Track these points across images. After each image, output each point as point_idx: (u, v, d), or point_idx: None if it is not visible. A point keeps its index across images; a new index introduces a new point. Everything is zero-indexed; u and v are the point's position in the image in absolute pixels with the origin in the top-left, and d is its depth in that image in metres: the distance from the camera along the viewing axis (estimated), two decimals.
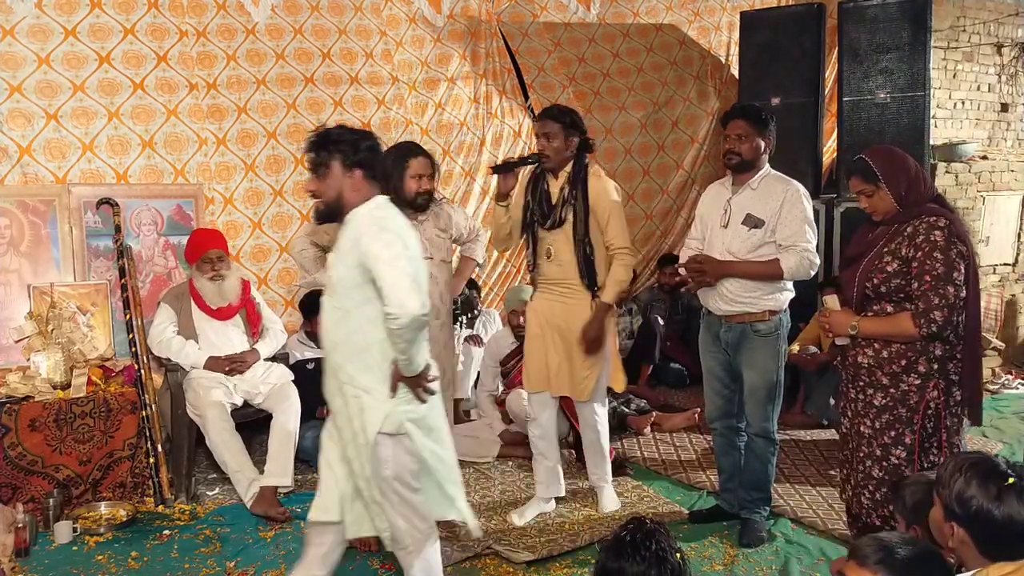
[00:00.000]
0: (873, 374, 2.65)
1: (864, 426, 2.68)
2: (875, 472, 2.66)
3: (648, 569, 1.81)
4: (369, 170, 2.49)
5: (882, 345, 2.63)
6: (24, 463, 3.54)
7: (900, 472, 2.59)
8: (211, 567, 3.17)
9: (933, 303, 2.50)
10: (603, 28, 6.11)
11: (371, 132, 2.59)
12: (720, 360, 3.37)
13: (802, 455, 4.32)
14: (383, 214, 2.48)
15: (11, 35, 4.22)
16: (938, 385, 2.58)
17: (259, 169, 4.80)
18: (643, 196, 6.10)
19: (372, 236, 2.39)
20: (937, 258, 2.51)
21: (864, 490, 2.69)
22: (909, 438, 2.59)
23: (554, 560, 3.21)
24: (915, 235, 2.56)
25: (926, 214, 2.57)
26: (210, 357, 3.91)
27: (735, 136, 3.24)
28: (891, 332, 2.60)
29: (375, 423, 2.42)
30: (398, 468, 2.45)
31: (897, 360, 2.60)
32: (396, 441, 2.44)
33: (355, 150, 2.45)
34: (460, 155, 5.46)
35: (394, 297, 2.31)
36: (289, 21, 5.00)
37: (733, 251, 3.25)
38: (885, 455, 2.63)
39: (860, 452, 2.70)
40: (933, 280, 2.51)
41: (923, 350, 2.57)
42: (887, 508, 2.62)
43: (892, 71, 5.18)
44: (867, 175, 2.65)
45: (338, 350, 2.48)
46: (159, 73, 4.55)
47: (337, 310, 2.48)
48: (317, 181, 2.50)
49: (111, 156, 4.40)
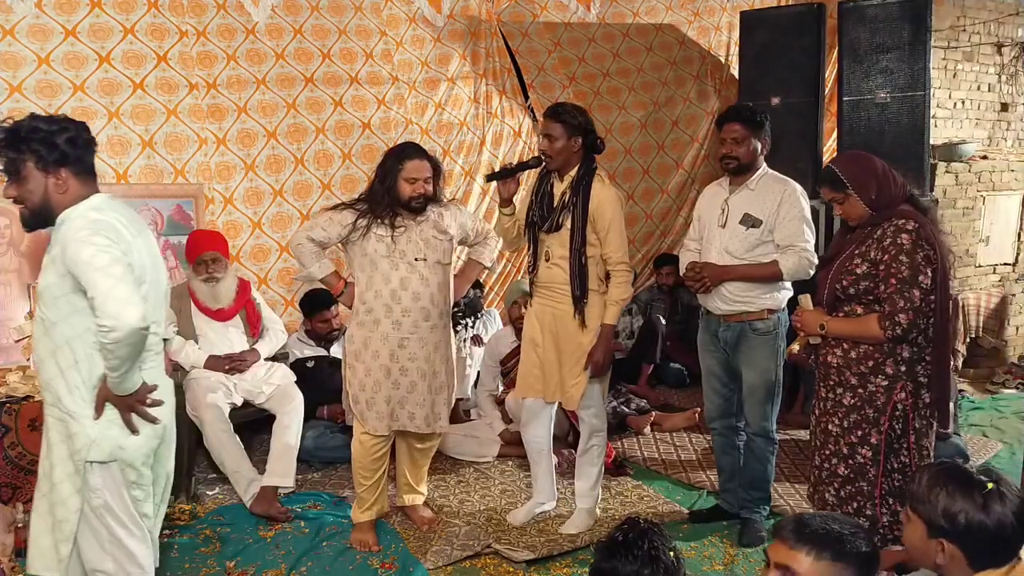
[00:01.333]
0: (842, 374, 2.67)
1: (832, 424, 2.71)
2: (840, 470, 2.68)
3: (641, 568, 1.83)
4: (78, 164, 2.24)
5: (851, 345, 2.65)
6: (24, 463, 3.54)
7: (865, 471, 2.62)
8: (211, 567, 3.17)
9: (898, 306, 2.52)
10: (603, 28, 6.11)
11: (70, 120, 2.29)
12: (719, 359, 3.38)
13: (802, 455, 4.32)
14: (99, 216, 2.21)
15: (11, 35, 4.22)
16: (906, 387, 2.59)
17: (259, 169, 4.80)
18: (643, 196, 6.11)
19: (82, 240, 2.14)
20: (903, 261, 2.52)
21: (829, 487, 2.72)
22: (875, 438, 2.61)
23: (554, 560, 3.21)
24: (883, 238, 2.58)
25: (897, 217, 2.59)
26: (210, 356, 3.91)
27: (731, 139, 3.25)
28: (858, 333, 2.62)
29: (81, 451, 2.23)
30: (113, 499, 2.28)
31: (865, 361, 2.62)
32: (106, 469, 2.27)
33: (51, 148, 2.20)
34: (460, 155, 5.46)
35: (108, 308, 2.08)
36: (289, 21, 5.00)
37: (731, 251, 3.25)
38: (851, 453, 2.66)
39: (827, 449, 2.73)
40: (899, 283, 2.52)
41: (890, 352, 2.59)
42: (852, 505, 2.65)
43: (892, 71, 5.18)
44: (835, 184, 2.67)
45: (44, 367, 2.26)
46: (159, 73, 4.56)
47: (42, 322, 2.24)
48: (16, 186, 2.24)
49: (111, 156, 4.40)
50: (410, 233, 3.24)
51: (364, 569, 3.16)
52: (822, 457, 2.75)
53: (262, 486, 3.66)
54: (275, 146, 4.85)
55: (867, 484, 2.63)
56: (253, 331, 4.12)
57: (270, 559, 3.23)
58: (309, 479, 4.06)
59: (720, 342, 3.34)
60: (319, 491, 3.90)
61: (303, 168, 4.93)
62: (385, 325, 3.23)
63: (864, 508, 2.64)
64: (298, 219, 4.86)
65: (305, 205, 4.93)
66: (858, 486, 2.65)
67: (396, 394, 3.27)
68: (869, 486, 2.63)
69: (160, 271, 2.40)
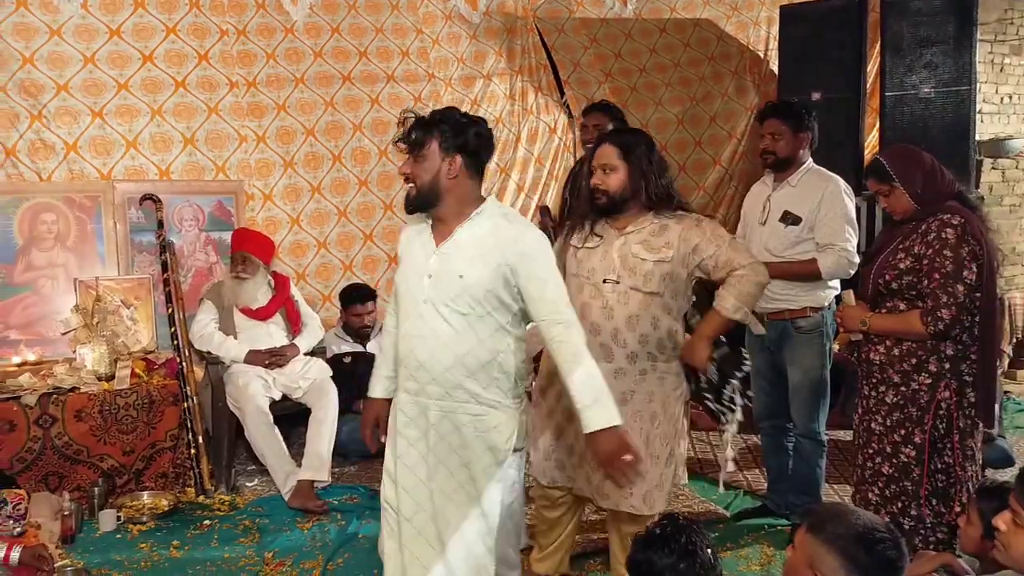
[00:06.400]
0: (885, 371, 2.63)
1: (875, 423, 2.66)
2: (884, 469, 2.64)
3: (677, 562, 1.82)
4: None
5: (893, 342, 2.60)
6: (70, 452, 3.63)
7: (909, 470, 2.58)
8: (250, 557, 3.22)
9: (941, 301, 2.47)
10: (640, 23, 6.07)
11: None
12: (765, 358, 3.34)
13: (841, 456, 4.26)
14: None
15: (58, 35, 4.33)
16: (949, 385, 2.54)
17: (297, 166, 4.86)
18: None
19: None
20: (947, 256, 2.47)
21: (873, 486, 2.68)
22: (919, 437, 2.56)
23: (589, 556, 3.21)
24: (927, 232, 2.54)
25: (943, 212, 2.53)
26: (250, 351, 3.97)
27: (770, 135, 3.22)
28: (900, 329, 2.58)
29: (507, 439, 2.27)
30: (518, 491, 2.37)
31: (908, 358, 2.57)
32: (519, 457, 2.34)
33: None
34: (495, 152, 5.45)
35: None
36: (327, 20, 5.05)
37: (770, 248, 3.22)
38: (895, 452, 2.61)
39: (870, 448, 2.69)
40: (942, 278, 2.47)
41: (934, 349, 2.54)
42: (896, 505, 2.60)
43: (936, 65, 5.07)
44: (882, 175, 2.62)
45: (463, 365, 2.22)
46: (200, 71, 4.63)
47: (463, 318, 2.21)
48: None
49: (154, 153, 4.48)
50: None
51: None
52: (865, 456, 2.71)
53: (299, 479, 3.70)
54: (313, 143, 4.90)
55: (911, 484, 2.58)
56: (294, 328, 4.18)
57: (307, 550, 3.27)
58: (345, 472, 4.10)
59: (764, 341, 3.30)
60: (355, 484, 3.95)
61: (340, 165, 4.98)
62: None
63: (909, 508, 2.59)
64: (335, 215, 4.91)
65: (343, 201, 4.98)
66: (902, 485, 2.60)
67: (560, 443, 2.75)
68: (914, 486, 2.58)
69: None
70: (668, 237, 2.58)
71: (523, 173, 5.55)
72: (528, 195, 5.55)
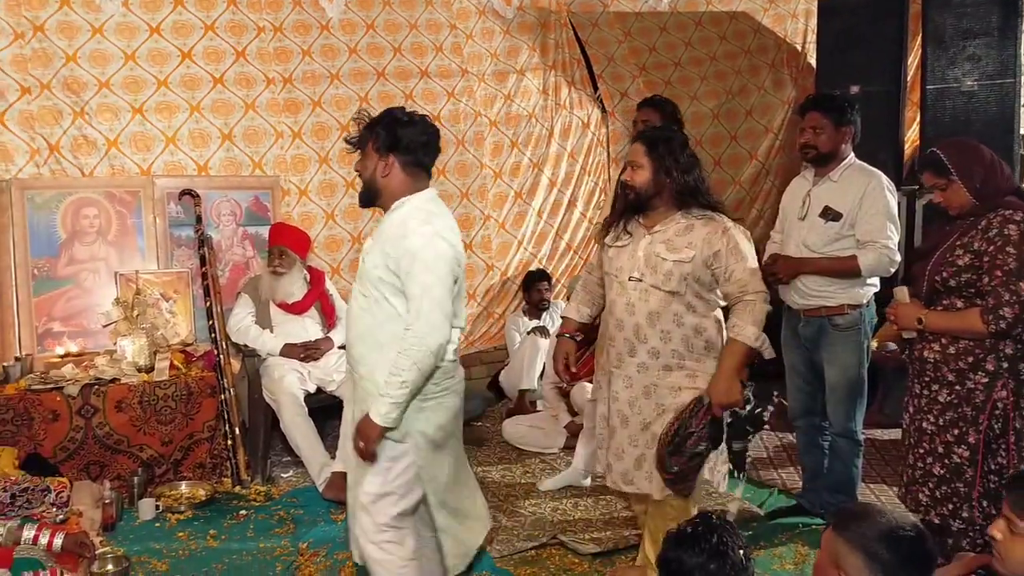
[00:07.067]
0: (939, 370, 2.56)
1: (927, 422, 2.60)
2: (936, 469, 2.58)
3: (707, 562, 1.80)
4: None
5: (949, 341, 2.54)
6: (111, 442, 3.71)
7: (962, 471, 2.51)
8: (285, 547, 3.26)
9: (1003, 299, 2.40)
10: (675, 17, 6.02)
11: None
12: (801, 356, 3.30)
13: (878, 455, 4.20)
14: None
15: (100, 33, 4.41)
16: (1007, 385, 2.47)
17: (332, 161, 4.90)
18: (714, 187, 5.98)
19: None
20: (1010, 253, 2.40)
21: (923, 487, 2.62)
22: (973, 437, 2.50)
23: (619, 553, 3.20)
24: (988, 229, 2.47)
25: (1003, 208, 2.46)
26: (285, 344, 4.02)
27: (811, 129, 3.16)
28: (959, 327, 2.51)
29: None
30: None
31: (964, 357, 2.51)
32: None
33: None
34: (528, 147, 5.46)
35: None
36: (362, 16, 5.08)
37: (809, 244, 3.17)
38: (947, 453, 2.55)
39: (921, 448, 2.63)
40: (1004, 276, 2.40)
41: (992, 348, 2.47)
42: (947, 506, 2.54)
43: (980, 57, 4.96)
44: (939, 168, 2.55)
45: (362, 342, 2.48)
46: (238, 68, 4.69)
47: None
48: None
49: (192, 149, 4.55)
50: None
51: None
52: (916, 456, 2.65)
53: (333, 471, 3.74)
54: None
55: (964, 485, 2.51)
56: (329, 322, 4.23)
57: (341, 541, 3.30)
58: None
59: (801, 338, 3.26)
60: None
61: None
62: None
63: (960, 510, 2.52)
64: (368, 211, 4.93)
65: None
66: (954, 487, 2.54)
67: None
68: (966, 487, 2.51)
69: None
70: (692, 238, 2.59)
71: (556, 168, 5.54)
72: (560, 190, 5.54)
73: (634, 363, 2.63)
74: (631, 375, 2.64)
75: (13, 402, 3.58)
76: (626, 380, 2.65)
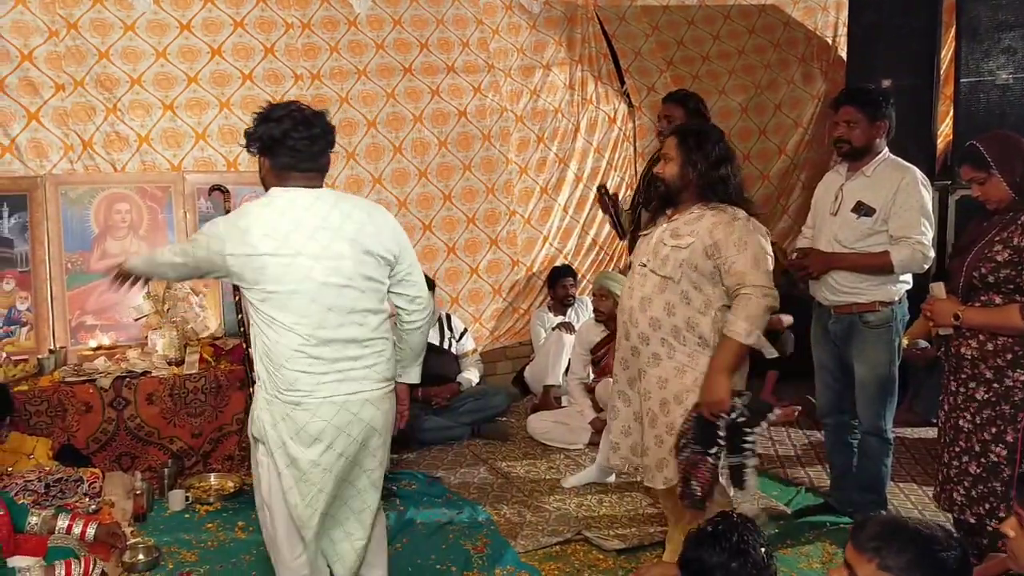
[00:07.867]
0: (976, 367, 2.52)
1: (963, 420, 2.56)
2: (972, 468, 2.54)
3: (728, 561, 1.79)
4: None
5: (987, 337, 2.49)
6: (142, 434, 3.77)
7: (999, 471, 2.47)
8: None
9: None
10: (703, 10, 5.97)
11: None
12: (830, 352, 3.27)
13: (908, 453, 4.14)
14: None
15: (132, 30, 4.47)
16: None
17: (359, 157, 4.93)
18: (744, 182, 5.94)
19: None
20: None
21: (959, 486, 2.58)
22: (1011, 436, 2.46)
23: (644, 550, 3.19)
24: None
25: None
26: None
27: (844, 123, 3.11)
28: (997, 324, 2.46)
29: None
30: None
31: (1003, 354, 2.47)
32: None
33: None
34: (554, 142, 5.45)
35: None
36: (389, 12, 5.10)
37: (840, 240, 3.13)
38: (984, 451, 2.51)
39: (956, 446, 2.59)
40: None
41: None
42: (983, 506, 2.50)
43: (1016, 50, 4.86)
44: (978, 162, 2.51)
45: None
46: (266, 64, 4.73)
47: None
48: None
49: (222, 144, 4.60)
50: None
51: (456, 549, 3.22)
52: (951, 454, 2.61)
53: None
54: (375, 135, 4.97)
55: (1000, 484, 2.47)
56: None
57: None
58: (404, 459, 4.16)
59: (831, 335, 3.22)
60: (413, 471, 4.00)
61: (401, 156, 5.04)
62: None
63: (996, 510, 2.48)
64: (396, 205, 4.97)
65: (403, 192, 5.04)
66: (990, 486, 2.50)
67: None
68: (1003, 487, 2.47)
69: None
70: (697, 227, 2.58)
71: (582, 163, 5.53)
72: (587, 185, 5.52)
73: (628, 346, 2.69)
74: (627, 359, 2.72)
75: (47, 394, 3.65)
76: (621, 363, 2.77)
